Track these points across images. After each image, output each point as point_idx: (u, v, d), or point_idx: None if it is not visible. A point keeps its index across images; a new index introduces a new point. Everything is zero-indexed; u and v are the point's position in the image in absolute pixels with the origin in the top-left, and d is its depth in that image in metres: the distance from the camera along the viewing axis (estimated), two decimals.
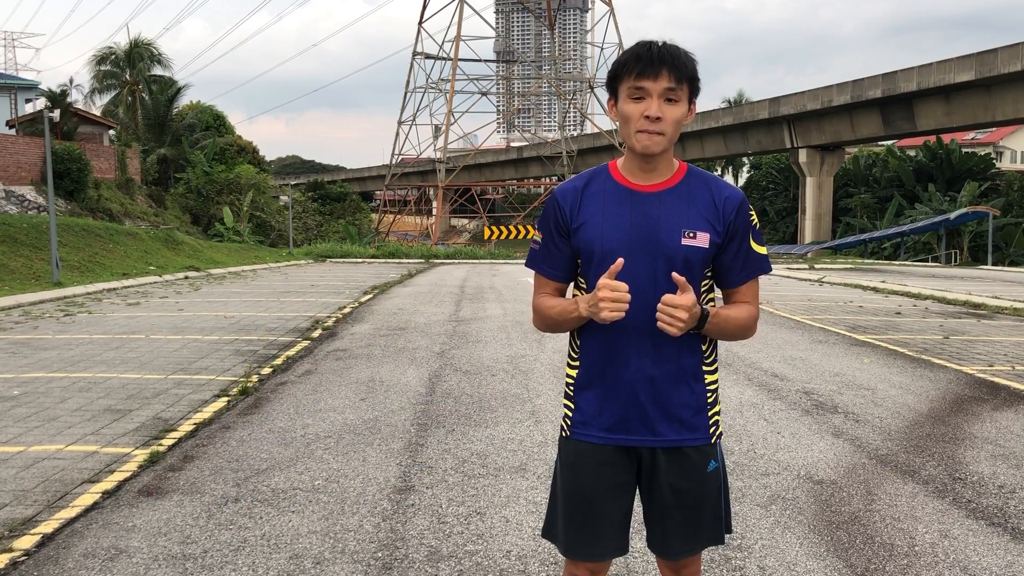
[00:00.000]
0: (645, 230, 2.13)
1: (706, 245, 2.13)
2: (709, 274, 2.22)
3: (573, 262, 2.26)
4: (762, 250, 2.22)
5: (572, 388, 2.26)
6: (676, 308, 2.02)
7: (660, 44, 2.09)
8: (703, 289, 2.19)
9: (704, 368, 2.21)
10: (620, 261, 2.05)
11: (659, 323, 2.05)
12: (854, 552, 3.74)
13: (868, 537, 3.91)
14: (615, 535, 2.23)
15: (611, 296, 2.02)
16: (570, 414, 2.26)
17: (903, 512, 4.24)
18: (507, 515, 4.15)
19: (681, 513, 2.21)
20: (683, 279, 2.03)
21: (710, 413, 2.21)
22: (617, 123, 2.17)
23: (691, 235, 2.12)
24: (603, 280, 2.04)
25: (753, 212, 2.22)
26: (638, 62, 2.07)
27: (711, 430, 2.21)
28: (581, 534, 2.23)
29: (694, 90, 2.12)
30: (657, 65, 2.05)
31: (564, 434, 2.27)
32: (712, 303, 2.22)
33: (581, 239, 2.18)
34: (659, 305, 2.05)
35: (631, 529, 2.30)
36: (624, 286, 2.03)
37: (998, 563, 3.63)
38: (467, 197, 77.81)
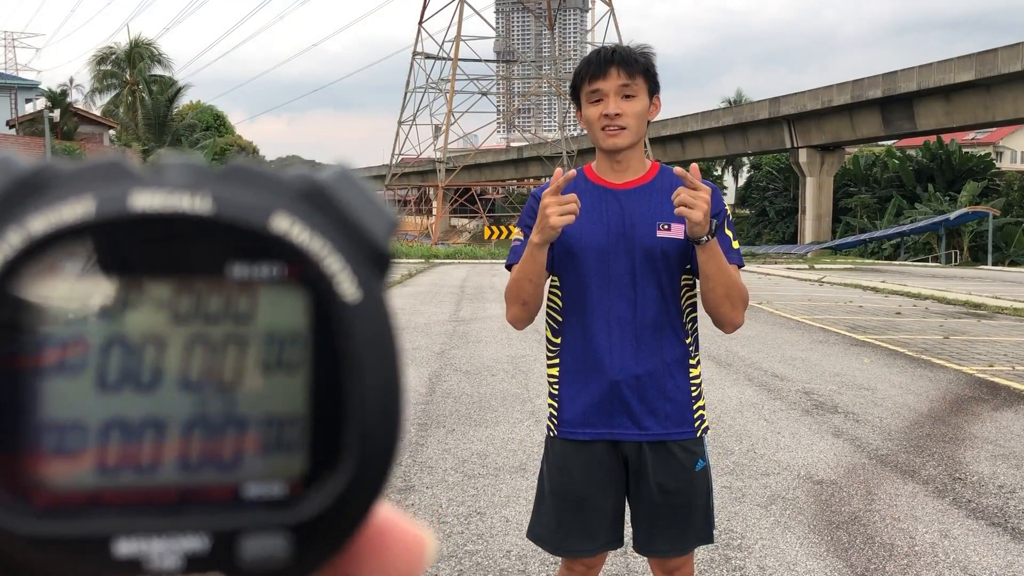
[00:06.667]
0: (621, 227, 2.16)
1: (681, 236, 2.15)
2: (689, 268, 2.22)
3: (551, 257, 2.27)
4: (735, 244, 2.23)
5: (555, 386, 2.27)
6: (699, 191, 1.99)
7: (609, 47, 2.17)
8: (683, 286, 2.19)
9: (688, 362, 2.22)
10: (564, 173, 2.08)
11: (680, 208, 2.01)
12: (854, 552, 3.74)
13: (868, 537, 3.91)
14: (607, 530, 2.24)
15: (556, 200, 2.01)
16: (556, 413, 2.26)
17: (903, 512, 4.24)
18: (507, 515, 4.15)
19: (671, 513, 2.21)
20: (690, 176, 2.02)
21: (695, 407, 2.23)
22: (586, 130, 2.21)
23: (666, 227, 2.15)
24: (547, 195, 2.03)
25: (728, 208, 2.24)
26: (589, 66, 2.16)
27: (696, 424, 2.23)
28: (572, 532, 2.24)
29: (653, 85, 2.17)
30: (606, 65, 2.13)
31: (551, 434, 2.28)
32: (692, 304, 2.23)
33: (559, 235, 2.19)
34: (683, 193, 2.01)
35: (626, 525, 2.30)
36: (572, 196, 2.02)
37: (998, 563, 3.63)
38: (467, 197, 77.80)
